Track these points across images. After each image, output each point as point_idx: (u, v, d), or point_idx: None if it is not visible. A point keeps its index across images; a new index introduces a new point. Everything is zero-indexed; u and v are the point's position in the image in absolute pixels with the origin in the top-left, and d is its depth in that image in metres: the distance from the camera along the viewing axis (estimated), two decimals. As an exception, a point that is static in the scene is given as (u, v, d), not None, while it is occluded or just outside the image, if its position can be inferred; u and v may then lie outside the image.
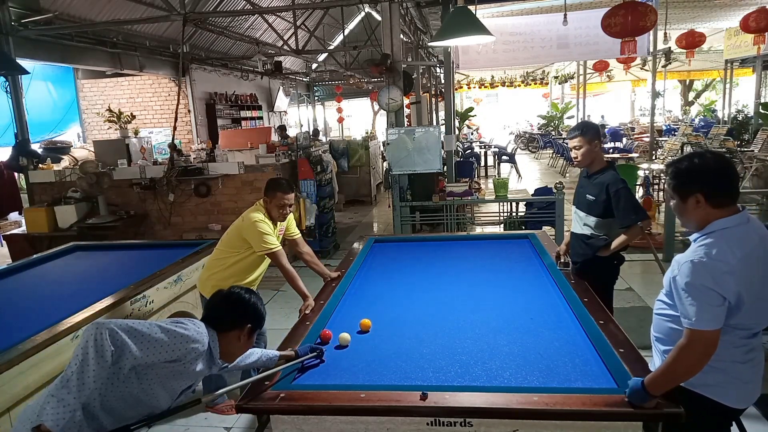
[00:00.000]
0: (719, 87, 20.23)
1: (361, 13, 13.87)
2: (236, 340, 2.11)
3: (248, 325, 2.12)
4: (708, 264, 1.75)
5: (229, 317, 2.10)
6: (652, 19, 5.41)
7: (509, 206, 7.06)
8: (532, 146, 20.09)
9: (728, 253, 1.76)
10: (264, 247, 3.27)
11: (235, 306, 2.13)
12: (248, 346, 2.18)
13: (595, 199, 3.23)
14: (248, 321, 2.13)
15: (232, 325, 2.10)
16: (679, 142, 12.64)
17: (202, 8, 9.46)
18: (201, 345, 1.96)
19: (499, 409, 1.89)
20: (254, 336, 2.18)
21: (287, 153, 7.43)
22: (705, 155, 1.89)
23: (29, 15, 7.03)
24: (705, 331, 1.74)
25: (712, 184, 1.84)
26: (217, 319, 2.10)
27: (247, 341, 2.15)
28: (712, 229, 1.83)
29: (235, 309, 2.12)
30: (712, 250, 1.77)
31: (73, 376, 1.70)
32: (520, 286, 3.23)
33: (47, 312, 3.16)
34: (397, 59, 6.22)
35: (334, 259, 6.81)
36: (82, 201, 6.75)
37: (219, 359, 2.10)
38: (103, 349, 1.72)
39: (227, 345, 2.10)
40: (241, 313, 2.12)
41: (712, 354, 1.76)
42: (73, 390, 1.69)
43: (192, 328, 1.95)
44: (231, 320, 2.10)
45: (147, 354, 1.81)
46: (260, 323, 2.19)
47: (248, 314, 2.14)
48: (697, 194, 1.84)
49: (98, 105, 10.85)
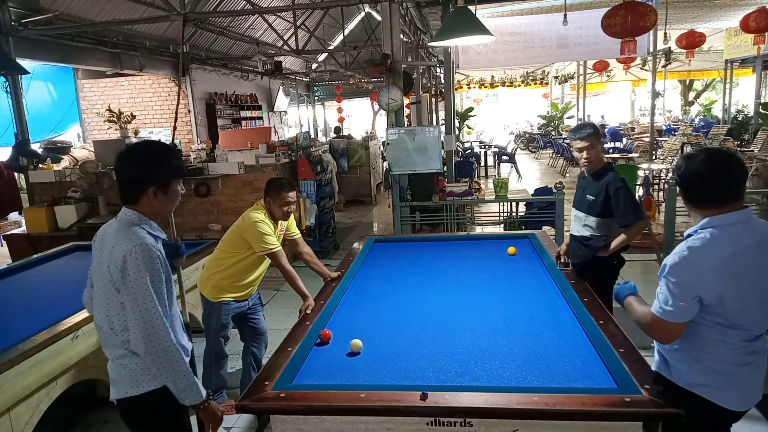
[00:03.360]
0: (719, 87, 20.23)
1: (361, 13, 13.87)
2: (150, 204, 1.97)
3: (151, 188, 1.94)
4: (689, 259, 1.78)
5: (127, 191, 1.97)
6: (652, 19, 5.41)
7: (509, 206, 7.06)
8: (532, 146, 20.09)
9: (714, 251, 1.77)
10: (264, 247, 3.27)
11: (126, 177, 1.98)
12: (171, 200, 2.01)
13: (595, 199, 3.23)
14: (148, 184, 1.94)
15: (135, 197, 1.95)
16: (679, 142, 12.65)
17: (202, 8, 9.46)
18: (147, 251, 1.86)
19: (499, 409, 1.89)
20: (171, 188, 2.00)
21: (287, 153, 7.44)
22: (698, 156, 1.89)
23: (29, 15, 7.03)
24: (668, 323, 1.82)
25: (694, 185, 1.88)
26: (124, 197, 1.98)
27: (165, 198, 1.98)
28: (706, 226, 1.84)
29: (130, 180, 1.97)
30: (698, 247, 1.80)
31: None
32: (520, 286, 3.22)
33: (47, 312, 3.17)
34: (397, 59, 6.22)
35: (334, 259, 6.81)
36: (82, 201, 6.75)
37: (157, 227, 2.00)
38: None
39: (149, 213, 1.98)
40: (133, 181, 1.95)
41: (673, 341, 1.86)
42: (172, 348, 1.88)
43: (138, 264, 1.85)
44: (130, 194, 1.96)
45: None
46: (163, 174, 1.97)
47: (146, 177, 1.94)
48: (682, 191, 1.92)
49: (98, 105, 10.85)
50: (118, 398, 2.00)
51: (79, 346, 3.05)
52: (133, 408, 1.99)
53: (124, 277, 1.85)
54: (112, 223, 2.02)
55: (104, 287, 1.95)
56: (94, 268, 2.04)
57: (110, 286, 1.92)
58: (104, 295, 1.95)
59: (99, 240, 2.04)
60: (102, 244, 2.00)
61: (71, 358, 3.00)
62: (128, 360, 1.95)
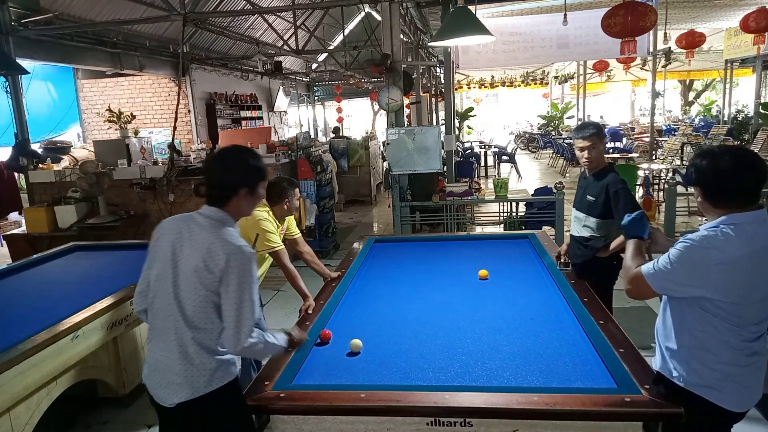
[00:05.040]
0: (719, 87, 20.23)
1: (361, 13, 13.87)
2: (239, 205, 2.04)
3: (243, 189, 2.02)
4: (704, 249, 1.76)
5: (219, 192, 2.02)
6: (652, 19, 5.42)
7: (509, 206, 7.07)
8: (532, 146, 20.10)
9: (729, 246, 1.74)
10: (267, 245, 3.27)
11: (220, 179, 2.03)
12: (255, 202, 2.10)
13: (596, 200, 3.23)
14: (241, 185, 2.01)
15: (226, 198, 2.01)
16: (679, 142, 12.66)
17: (202, 8, 9.46)
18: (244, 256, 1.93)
19: (499, 409, 1.89)
20: (258, 190, 2.07)
21: (287, 153, 7.44)
22: (724, 154, 1.84)
23: (29, 15, 7.02)
24: (648, 285, 1.89)
25: (722, 184, 1.82)
26: (213, 198, 2.03)
27: (251, 199, 2.06)
28: (722, 222, 1.81)
29: (222, 182, 2.03)
30: (713, 239, 1.77)
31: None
32: (520, 286, 3.23)
33: (47, 312, 3.17)
34: (397, 59, 6.22)
35: (334, 259, 6.81)
36: (82, 201, 6.75)
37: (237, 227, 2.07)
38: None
39: (236, 213, 2.05)
40: (227, 184, 2.02)
41: (637, 299, 1.99)
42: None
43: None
44: (222, 195, 2.02)
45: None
46: (253, 177, 2.05)
47: (238, 179, 2.01)
48: (698, 188, 1.88)
49: (98, 105, 10.84)
50: (180, 401, 1.94)
51: (79, 346, 3.05)
52: (195, 410, 1.95)
53: (227, 278, 1.88)
54: (195, 219, 2.01)
55: (196, 283, 1.92)
56: (167, 264, 1.97)
57: (197, 282, 1.91)
58: (200, 290, 1.92)
59: (175, 234, 2.00)
60: (183, 240, 1.97)
61: (71, 358, 3.00)
62: (204, 361, 1.93)
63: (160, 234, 2.05)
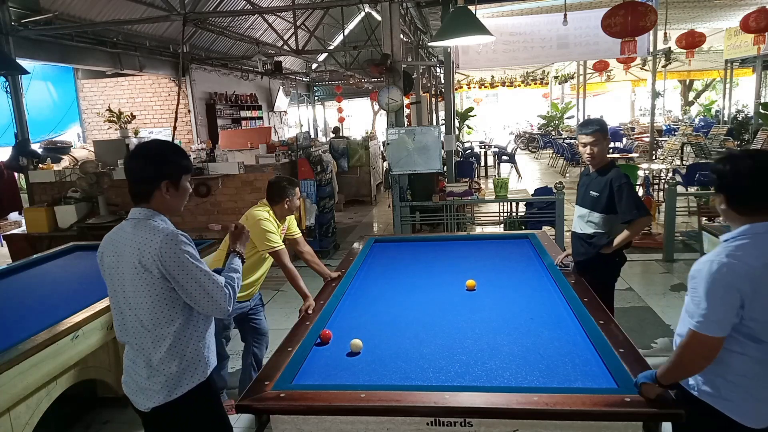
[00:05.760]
0: (719, 87, 20.23)
1: (361, 13, 13.87)
2: (163, 199, 2.00)
3: (164, 182, 1.98)
4: (730, 264, 1.69)
5: (140, 188, 2.00)
6: (652, 19, 5.42)
7: (509, 206, 7.07)
8: (532, 146, 20.10)
9: (752, 257, 1.69)
10: (267, 245, 3.27)
11: (138, 174, 2.01)
12: (181, 196, 2.06)
13: (599, 195, 3.24)
14: (161, 178, 1.98)
15: (147, 193, 1.99)
16: (679, 142, 12.67)
17: (202, 8, 9.46)
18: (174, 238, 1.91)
19: (499, 409, 1.89)
20: (182, 183, 2.04)
21: (287, 153, 7.44)
22: (741, 158, 1.78)
23: (29, 15, 7.03)
24: (709, 337, 1.70)
25: (735, 189, 1.77)
26: (136, 196, 2.01)
27: (176, 193, 2.03)
28: (743, 233, 1.76)
29: (142, 177, 2.00)
30: (736, 251, 1.71)
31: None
32: (520, 286, 3.22)
33: (47, 312, 3.17)
34: (397, 59, 6.22)
35: (334, 259, 6.81)
36: (82, 201, 6.75)
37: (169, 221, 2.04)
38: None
39: (162, 208, 2.02)
40: (146, 177, 1.99)
41: (713, 358, 1.73)
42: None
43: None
44: (143, 190, 1.99)
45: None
46: (173, 168, 2.02)
47: (157, 171, 1.98)
48: (721, 196, 1.82)
49: (98, 105, 10.85)
50: (154, 406, 1.98)
51: (79, 346, 3.05)
52: (169, 414, 1.99)
53: (169, 272, 1.89)
54: (122, 226, 2.01)
55: (139, 285, 1.92)
56: (115, 278, 1.98)
57: (141, 285, 1.91)
58: (144, 292, 1.92)
59: (111, 247, 2.00)
60: (118, 248, 1.97)
61: (71, 358, 3.00)
62: (166, 365, 1.95)
63: (101, 253, 2.06)
